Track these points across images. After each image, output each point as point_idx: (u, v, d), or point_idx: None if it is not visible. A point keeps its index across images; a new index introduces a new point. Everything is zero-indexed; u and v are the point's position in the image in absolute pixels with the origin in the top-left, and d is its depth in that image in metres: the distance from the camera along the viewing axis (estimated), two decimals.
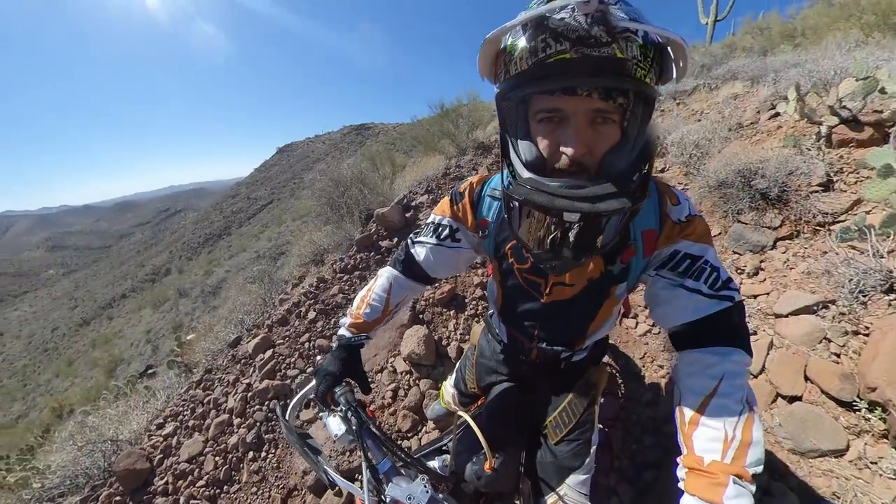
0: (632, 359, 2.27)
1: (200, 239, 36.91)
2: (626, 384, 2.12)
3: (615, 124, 0.59)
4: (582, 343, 1.01)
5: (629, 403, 2.02)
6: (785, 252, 2.30)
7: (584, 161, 0.59)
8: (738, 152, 2.80)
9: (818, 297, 1.90)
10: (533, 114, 0.62)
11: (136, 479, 2.18)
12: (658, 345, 2.32)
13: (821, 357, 1.72)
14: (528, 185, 0.60)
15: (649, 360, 2.26)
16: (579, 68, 0.53)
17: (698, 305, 0.73)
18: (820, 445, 1.47)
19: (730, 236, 2.56)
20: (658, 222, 0.76)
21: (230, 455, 2.29)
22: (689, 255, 0.74)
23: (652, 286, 0.81)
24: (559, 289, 0.87)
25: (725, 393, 0.68)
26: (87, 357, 20.22)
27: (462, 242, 0.97)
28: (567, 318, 0.94)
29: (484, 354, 1.28)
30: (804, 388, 1.67)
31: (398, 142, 12.24)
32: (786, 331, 1.88)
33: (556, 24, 0.52)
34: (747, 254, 2.43)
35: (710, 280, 0.73)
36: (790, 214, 2.39)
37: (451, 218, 0.96)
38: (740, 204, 2.60)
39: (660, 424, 1.88)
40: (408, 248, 1.04)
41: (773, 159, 2.54)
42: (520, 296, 0.95)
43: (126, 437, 2.57)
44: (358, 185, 4.83)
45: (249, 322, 3.75)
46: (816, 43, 5.77)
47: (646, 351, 2.31)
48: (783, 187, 2.44)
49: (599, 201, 0.55)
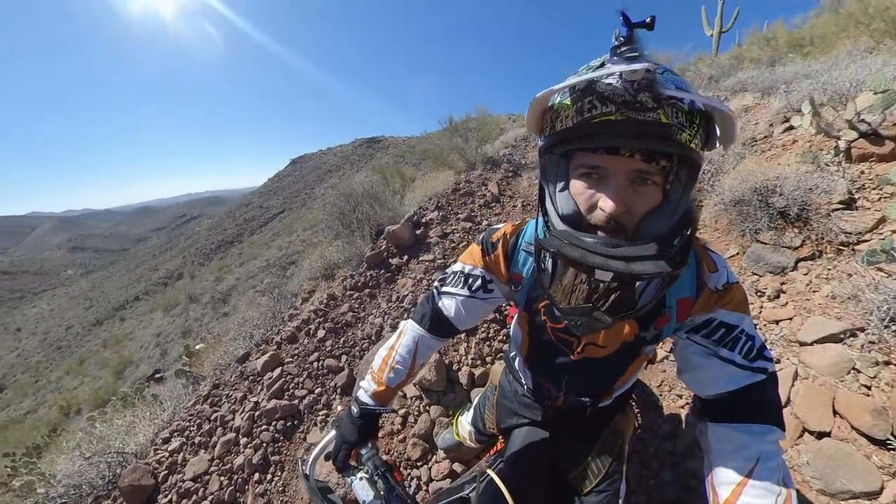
0: (648, 387, 2.16)
1: (213, 245, 37.37)
2: (643, 414, 2.02)
3: (657, 186, 0.58)
4: (609, 395, 1.00)
5: (646, 435, 1.92)
6: (807, 274, 2.18)
7: (622, 220, 0.58)
8: (754, 169, 2.72)
9: (845, 325, 1.80)
10: (574, 168, 0.62)
11: (140, 495, 2.15)
12: (675, 372, 2.21)
13: (850, 389, 1.62)
14: (563, 237, 0.59)
15: (667, 388, 2.14)
16: (623, 129, 0.53)
17: (731, 377, 0.71)
18: (851, 486, 1.37)
19: (748, 257, 2.46)
20: (694, 290, 0.74)
21: (235, 476, 2.24)
22: (724, 323, 0.72)
23: (683, 350, 0.78)
24: (591, 348, 0.85)
25: (762, 477, 0.65)
26: (98, 357, 20.33)
27: (495, 293, 0.94)
28: (596, 374, 0.93)
29: (505, 395, 1.24)
30: (833, 422, 1.57)
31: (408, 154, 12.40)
32: (811, 360, 1.78)
33: (603, 88, 0.53)
34: (767, 275, 2.31)
35: (745, 350, 0.70)
36: (811, 234, 2.28)
37: (484, 269, 0.92)
38: (758, 223, 2.50)
39: (679, 459, 1.78)
40: (434, 301, 0.98)
41: (790, 176, 2.44)
42: (549, 350, 0.93)
43: (132, 449, 2.55)
44: (369, 201, 4.86)
45: (258, 337, 3.74)
46: (826, 51, 5.69)
47: (663, 379, 2.19)
48: (803, 205, 2.33)
49: (635, 262, 0.53)
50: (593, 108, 0.53)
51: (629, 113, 0.52)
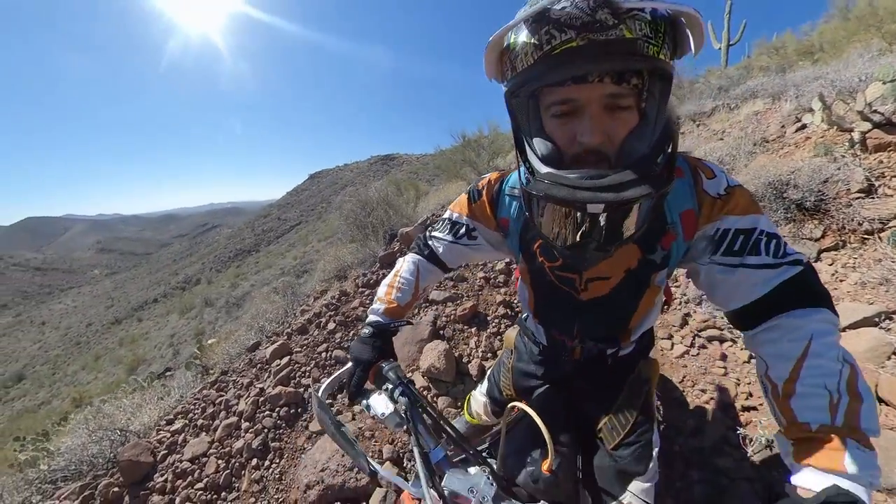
0: (670, 381, 2.03)
1: (231, 253, 38.12)
2: (666, 410, 1.89)
3: (632, 108, 0.55)
4: (627, 338, 0.92)
5: (670, 432, 1.77)
6: (832, 264, 2.10)
7: (604, 149, 0.55)
8: (766, 164, 2.67)
9: (878, 308, 1.69)
10: (545, 108, 0.58)
11: (138, 471, 2.07)
12: (698, 367, 2.08)
13: (893, 374, 1.49)
14: (547, 179, 0.56)
15: (689, 383, 2.02)
16: (587, 55, 0.49)
17: (767, 277, 0.64)
18: None
19: None
20: (695, 201, 0.68)
21: (233, 460, 2.15)
22: (740, 230, 0.65)
23: (708, 275, 0.71)
24: (596, 283, 0.80)
25: (819, 353, 0.58)
26: (114, 354, 20.54)
27: (479, 240, 0.95)
28: (607, 313, 0.86)
29: (521, 358, 1.17)
30: (879, 411, 1.45)
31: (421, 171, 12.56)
32: (847, 346, 1.64)
33: (558, 14, 0.48)
34: None
35: (773, 248, 0.64)
36: (832, 224, 2.21)
37: (469, 217, 0.93)
38: (775, 216, 2.44)
39: (707, 456, 1.63)
40: (426, 238, 1.02)
41: (804, 169, 2.40)
42: (554, 294, 0.87)
43: (136, 428, 2.49)
44: (384, 207, 4.91)
45: (269, 329, 3.71)
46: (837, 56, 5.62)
47: (685, 374, 2.08)
48: (819, 196, 2.28)
49: (624, 189, 0.50)
50: (552, 39, 0.49)
51: (590, 35, 0.47)
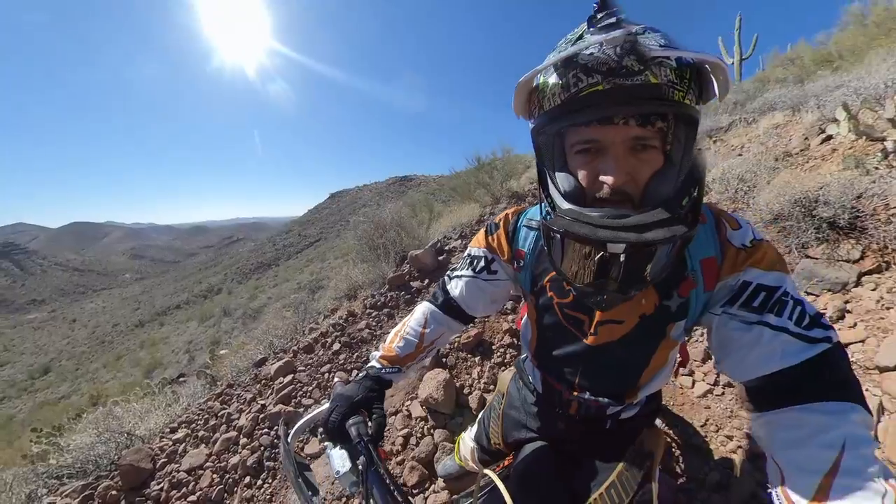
0: (691, 426, 1.83)
1: (252, 266, 39.05)
2: (686, 459, 1.70)
3: (657, 150, 0.54)
4: (633, 396, 0.82)
5: (691, 485, 1.61)
6: (875, 289, 1.85)
7: (627, 189, 0.54)
8: (791, 181, 2.45)
9: None
10: (569, 146, 0.59)
11: (137, 477, 2.09)
12: (723, 408, 1.86)
13: None
14: (568, 215, 0.55)
15: (713, 428, 1.80)
16: (613, 97, 0.50)
17: (787, 349, 0.56)
18: None
19: (798, 275, 2.11)
20: (718, 250, 0.64)
21: (228, 475, 2.14)
22: (763, 286, 0.59)
23: (721, 328, 0.63)
24: (606, 327, 0.73)
25: (853, 469, 0.47)
26: (134, 356, 20.93)
27: (499, 274, 0.88)
28: (615, 364, 0.78)
29: (513, 405, 1.08)
30: None
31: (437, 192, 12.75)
32: None
33: (586, 59, 0.49)
34: (825, 294, 1.96)
35: (797, 316, 0.56)
36: (871, 243, 1.97)
37: (486, 249, 0.88)
38: (804, 236, 2.20)
39: None
40: (444, 283, 0.96)
41: (834, 183, 2.16)
42: (559, 336, 0.81)
43: (141, 433, 2.53)
44: (396, 229, 4.96)
45: (278, 345, 3.75)
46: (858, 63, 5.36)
47: (708, 417, 1.86)
48: (854, 213, 2.05)
49: (646, 230, 0.49)
50: (579, 82, 0.50)
51: (616, 80, 0.48)
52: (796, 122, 3.78)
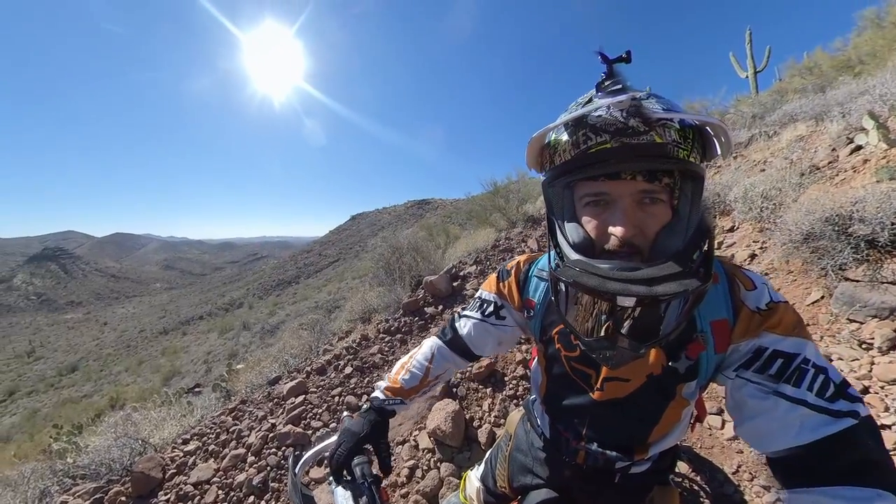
0: (721, 471, 1.64)
1: (273, 283, 39.90)
2: None
3: (664, 203, 0.55)
4: (643, 453, 0.77)
5: None
6: None
7: (636, 242, 0.54)
8: (820, 197, 2.26)
9: None
10: (578, 198, 0.59)
11: (146, 485, 2.10)
12: (758, 454, 1.66)
13: None
14: (577, 266, 0.54)
15: (746, 476, 1.60)
16: (620, 154, 0.51)
17: (805, 423, 0.51)
18: None
19: (837, 300, 1.92)
20: (731, 311, 0.61)
21: (233, 493, 2.12)
22: (779, 352, 0.55)
23: (736, 392, 0.60)
24: (613, 384, 0.71)
25: None
26: (155, 362, 21.32)
27: (507, 321, 0.88)
28: (622, 420, 0.75)
29: (520, 447, 1.03)
30: None
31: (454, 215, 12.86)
32: None
33: (595, 120, 0.52)
34: (871, 322, 1.76)
35: (818, 386, 0.52)
36: None
37: (497, 295, 0.88)
38: (840, 257, 2.01)
39: None
40: (454, 320, 0.96)
41: (869, 198, 1.98)
42: (567, 386, 0.79)
43: (155, 441, 2.56)
44: (412, 253, 5.00)
45: (292, 364, 3.79)
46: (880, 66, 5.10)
47: (740, 462, 1.66)
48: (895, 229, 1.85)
49: (657, 283, 0.47)
50: (588, 140, 0.53)
51: (623, 139, 0.50)
52: (821, 133, 3.55)
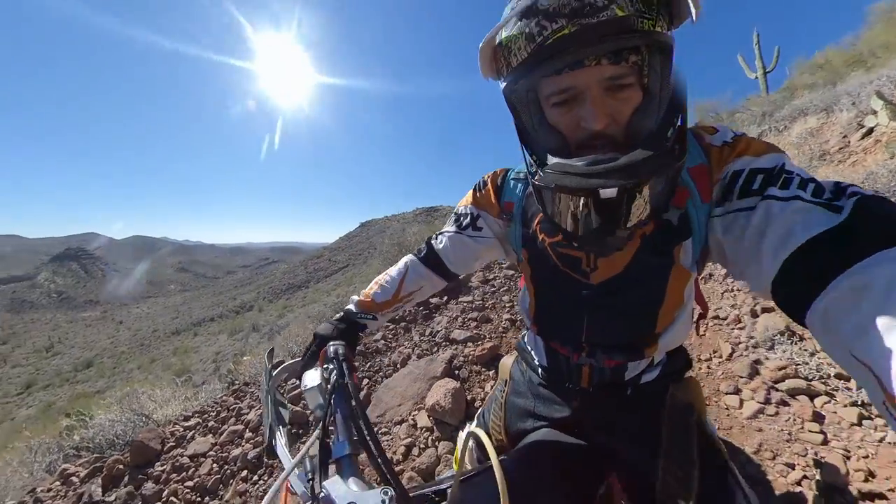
0: (742, 453, 1.56)
1: (283, 287, 40.32)
2: None
3: (633, 87, 0.51)
4: (653, 348, 0.71)
5: None
6: None
7: (610, 132, 0.51)
8: (830, 175, 2.24)
9: None
10: (545, 99, 0.55)
11: (144, 455, 2.09)
12: (779, 430, 1.58)
13: None
14: (555, 169, 0.52)
15: (768, 454, 1.53)
16: (581, 40, 0.46)
17: (809, 218, 0.43)
18: None
19: None
20: (703, 155, 0.59)
21: (227, 466, 2.09)
22: (757, 169, 0.51)
23: (727, 232, 0.54)
24: (607, 260, 0.66)
25: None
26: (166, 361, 21.62)
27: (484, 231, 0.85)
28: (624, 304, 0.68)
29: (517, 390, 0.95)
30: None
31: None
32: None
33: (546, 4, 0.46)
34: None
35: (811, 190, 0.45)
36: None
37: (473, 206, 0.85)
38: None
39: None
40: (430, 239, 0.94)
41: (881, 172, 1.91)
42: (557, 285, 0.73)
43: (158, 418, 2.55)
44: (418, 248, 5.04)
45: (296, 351, 3.77)
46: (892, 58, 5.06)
47: (761, 441, 1.60)
48: None
49: (635, 169, 0.46)
50: (543, 30, 0.47)
51: (581, 20, 0.45)
52: (832, 124, 3.54)
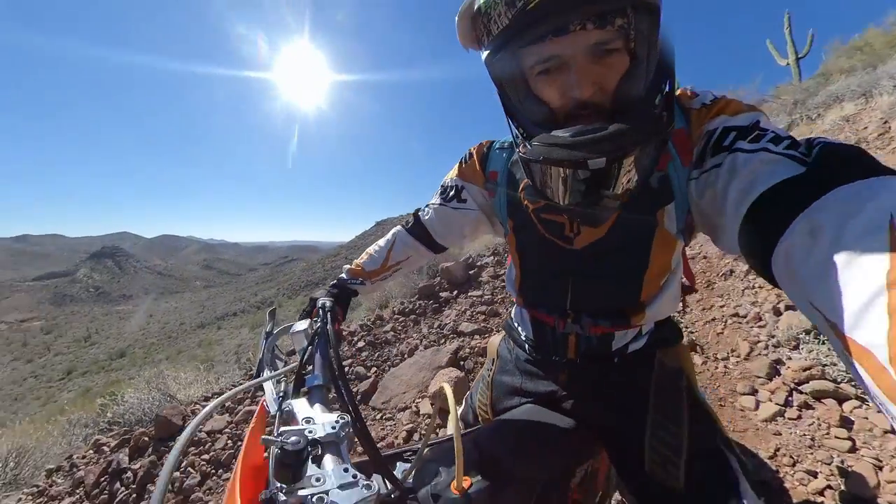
0: (756, 456, 1.46)
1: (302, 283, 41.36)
2: None
3: (620, 52, 0.48)
4: (640, 317, 0.70)
5: None
6: None
7: (596, 100, 0.49)
8: None
9: None
10: (529, 68, 0.52)
11: (167, 430, 2.24)
12: (800, 435, 1.48)
13: None
14: (542, 141, 0.50)
15: (787, 460, 1.41)
16: (564, 3, 0.44)
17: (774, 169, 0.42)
18: None
19: None
20: (683, 120, 0.57)
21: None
22: (731, 126, 0.51)
23: (701, 192, 0.54)
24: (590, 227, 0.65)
25: None
26: (191, 353, 22.57)
27: (468, 203, 0.84)
28: (609, 268, 0.67)
29: (505, 369, 0.94)
30: None
31: None
32: None
33: None
34: None
35: (784, 144, 0.44)
36: None
37: (458, 178, 0.85)
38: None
39: None
40: (418, 211, 0.95)
41: None
42: (542, 252, 0.73)
43: (181, 398, 2.71)
44: None
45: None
46: None
47: (778, 445, 1.48)
48: None
49: (622, 138, 0.44)
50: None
51: None
52: (871, 109, 3.31)
